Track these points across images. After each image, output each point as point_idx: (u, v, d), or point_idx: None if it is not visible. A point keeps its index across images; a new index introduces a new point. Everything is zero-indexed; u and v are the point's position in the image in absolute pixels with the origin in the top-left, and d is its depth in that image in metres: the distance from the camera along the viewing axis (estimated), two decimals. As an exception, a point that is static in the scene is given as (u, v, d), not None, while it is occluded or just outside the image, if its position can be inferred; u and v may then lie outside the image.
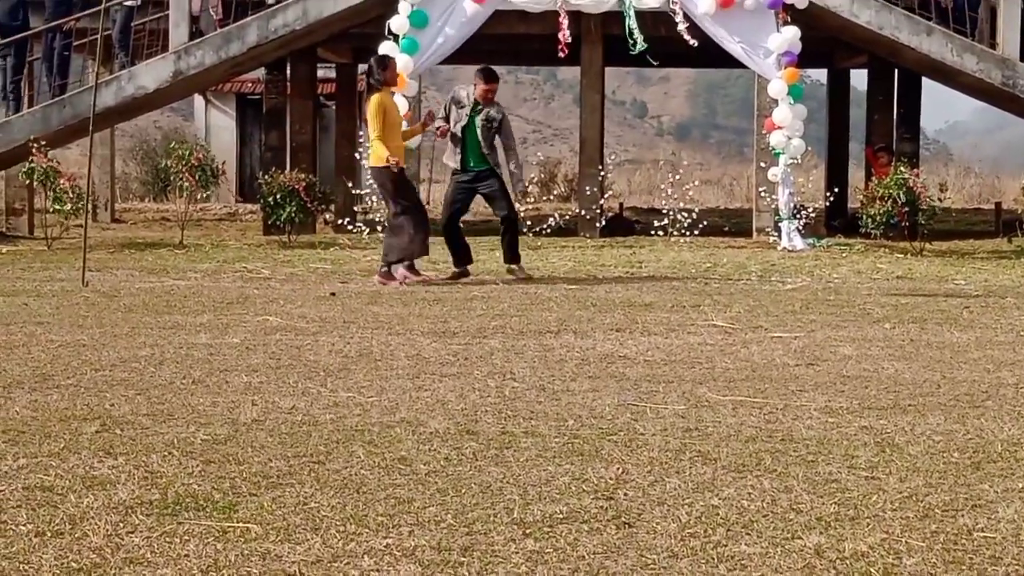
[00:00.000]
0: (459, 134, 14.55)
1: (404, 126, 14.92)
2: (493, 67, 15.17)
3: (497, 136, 14.63)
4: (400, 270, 13.98)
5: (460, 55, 21.68)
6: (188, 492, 5.09)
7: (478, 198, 15.44)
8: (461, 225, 15.14)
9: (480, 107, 14.60)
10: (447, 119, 14.71)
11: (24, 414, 6.59)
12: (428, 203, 31.50)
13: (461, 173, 14.72)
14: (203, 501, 4.96)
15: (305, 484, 5.23)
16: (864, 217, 19.18)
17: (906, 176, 18.86)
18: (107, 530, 4.57)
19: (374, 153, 13.94)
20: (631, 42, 19.62)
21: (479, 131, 14.50)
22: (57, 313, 11.11)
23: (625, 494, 5.12)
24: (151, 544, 4.43)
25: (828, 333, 10.21)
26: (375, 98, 13.91)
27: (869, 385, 7.74)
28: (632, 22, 19.60)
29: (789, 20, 19.85)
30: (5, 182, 23.86)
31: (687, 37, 19.55)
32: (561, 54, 19.53)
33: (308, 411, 6.74)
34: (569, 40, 19.85)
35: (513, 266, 14.82)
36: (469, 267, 14.82)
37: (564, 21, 19.51)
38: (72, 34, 21.08)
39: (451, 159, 14.76)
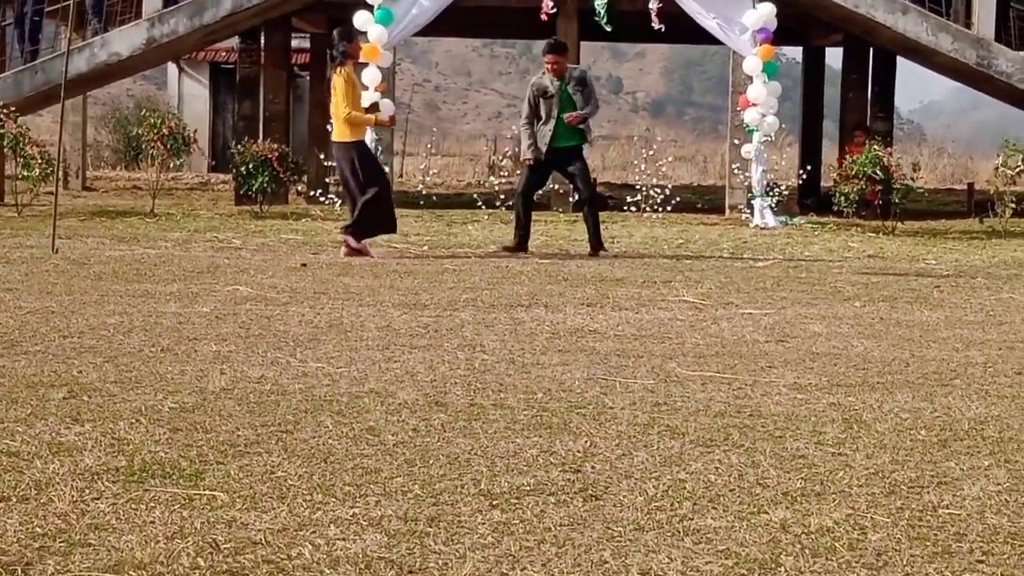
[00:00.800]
0: (549, 125, 14.39)
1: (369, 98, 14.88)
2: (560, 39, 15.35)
3: (588, 94, 14.50)
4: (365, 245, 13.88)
5: (435, 27, 21.70)
6: (155, 459, 5.07)
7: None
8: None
9: (565, 79, 14.43)
10: (534, 115, 14.50)
11: (-9, 380, 6.57)
12: (401, 176, 31.49)
13: (548, 153, 14.45)
14: (170, 469, 4.95)
15: (272, 453, 5.21)
16: (837, 195, 19.22)
17: (879, 155, 18.91)
18: (73, 496, 4.55)
19: (343, 128, 13.88)
20: (598, 12, 19.72)
21: (577, 102, 14.36)
22: (26, 280, 11.06)
23: (592, 467, 5.12)
24: (117, 511, 4.41)
25: (799, 310, 10.23)
26: (344, 73, 13.86)
27: (838, 362, 7.75)
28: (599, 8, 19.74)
29: (765, -3, 19.90)
30: (-26, 148, 23.75)
31: (655, 21, 19.63)
32: (544, 17, 19.57)
33: (277, 381, 6.72)
34: (553, 9, 19.89)
35: (600, 252, 14.57)
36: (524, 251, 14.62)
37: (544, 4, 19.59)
38: (44, -1, 20.98)
39: (534, 151, 14.48)
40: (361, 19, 19.90)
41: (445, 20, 20.77)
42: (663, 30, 19.84)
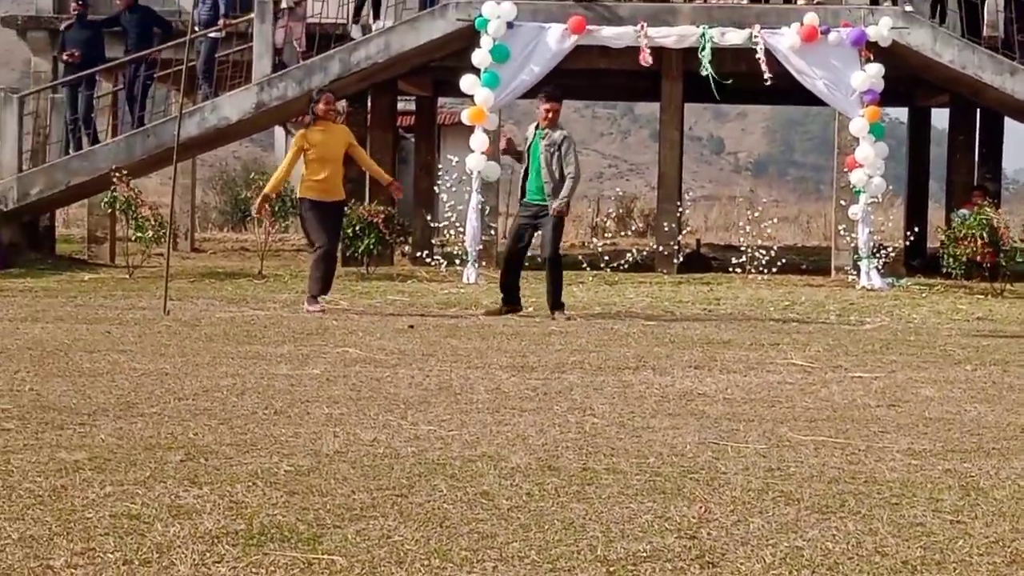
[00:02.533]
0: (522, 169, 14.16)
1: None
2: (557, 89, 14.81)
3: (563, 161, 13.85)
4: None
5: (539, 89, 21.77)
6: (273, 523, 5.12)
7: None
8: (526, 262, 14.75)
9: (543, 131, 14.02)
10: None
11: (110, 442, 6.66)
12: (505, 237, 31.55)
13: (522, 207, 14.26)
14: (288, 532, 4.99)
15: (388, 517, 5.24)
16: (945, 257, 19.04)
17: (989, 216, 18.73)
18: (194, 559, 4.60)
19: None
20: (704, 71, 19.76)
21: (541, 157, 13.87)
22: (140, 341, 11.22)
23: (708, 533, 5.11)
24: (237, 574, 4.45)
25: (909, 374, 10.14)
26: (299, 134, 14.35)
27: (952, 428, 7.67)
28: (707, 53, 19.76)
29: (872, 58, 19.82)
30: (88, 210, 24.17)
31: (764, 70, 19.58)
32: (645, 63, 19.63)
33: (390, 444, 6.77)
34: (650, 61, 19.93)
35: (555, 314, 14.00)
36: (515, 312, 14.30)
37: (646, 51, 19.66)
38: (156, 65, 21.33)
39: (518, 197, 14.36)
40: (468, 83, 20.07)
41: (548, 82, 20.86)
42: (771, 80, 19.81)
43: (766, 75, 20.00)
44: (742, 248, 21.05)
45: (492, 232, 21.19)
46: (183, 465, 6.13)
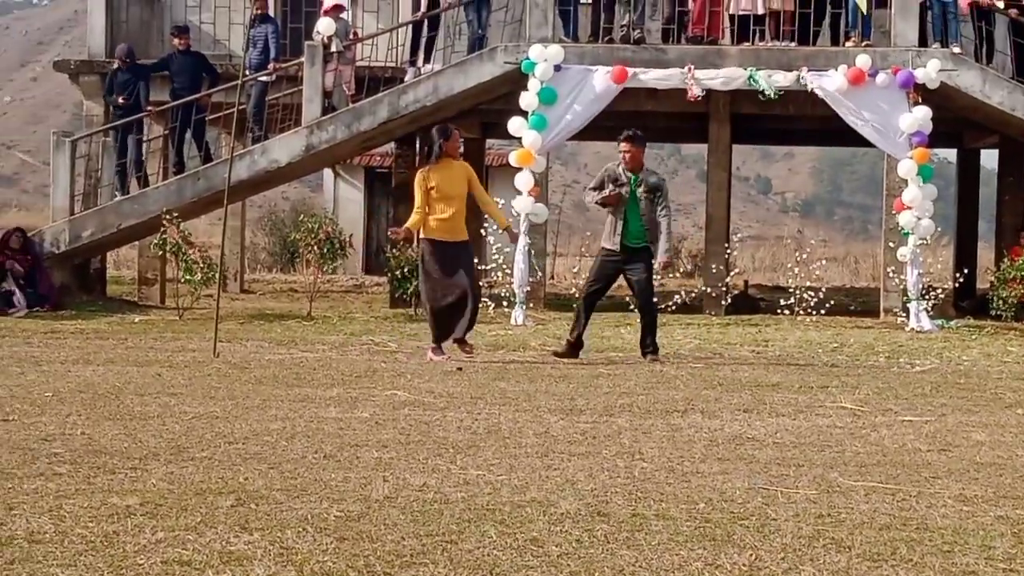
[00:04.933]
0: (619, 214, 13.93)
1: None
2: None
3: (662, 207, 13.95)
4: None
5: (586, 131, 21.85)
6: (323, 570, 5.13)
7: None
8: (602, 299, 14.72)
9: (639, 177, 14.01)
10: (599, 190, 14.10)
11: (161, 486, 6.69)
12: (552, 278, 31.57)
13: (613, 250, 14.05)
14: (338, 579, 5.01)
15: (439, 564, 5.25)
16: (995, 299, 18.94)
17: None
18: (245, 606, 4.63)
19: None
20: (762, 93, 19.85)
21: (642, 203, 13.90)
22: (190, 384, 11.28)
23: (759, 581, 5.10)
24: (288, 621, 4.47)
25: (959, 418, 10.08)
26: (422, 173, 14.02)
27: (1004, 473, 7.63)
28: (761, 83, 19.86)
29: (920, 100, 19.79)
30: (138, 252, 24.35)
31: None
32: (693, 99, 19.71)
33: (439, 488, 6.77)
34: (700, 94, 19.99)
35: (647, 358, 14.01)
36: (577, 354, 14.16)
37: (694, 87, 19.76)
38: (207, 109, 21.50)
39: (608, 240, 14.07)
40: (515, 125, 20.15)
41: (595, 124, 20.93)
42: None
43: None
44: (790, 289, 21.01)
45: (539, 274, 21.21)
46: (233, 510, 6.16)
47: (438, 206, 13.85)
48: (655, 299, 14.39)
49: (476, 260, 14.66)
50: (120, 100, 21.01)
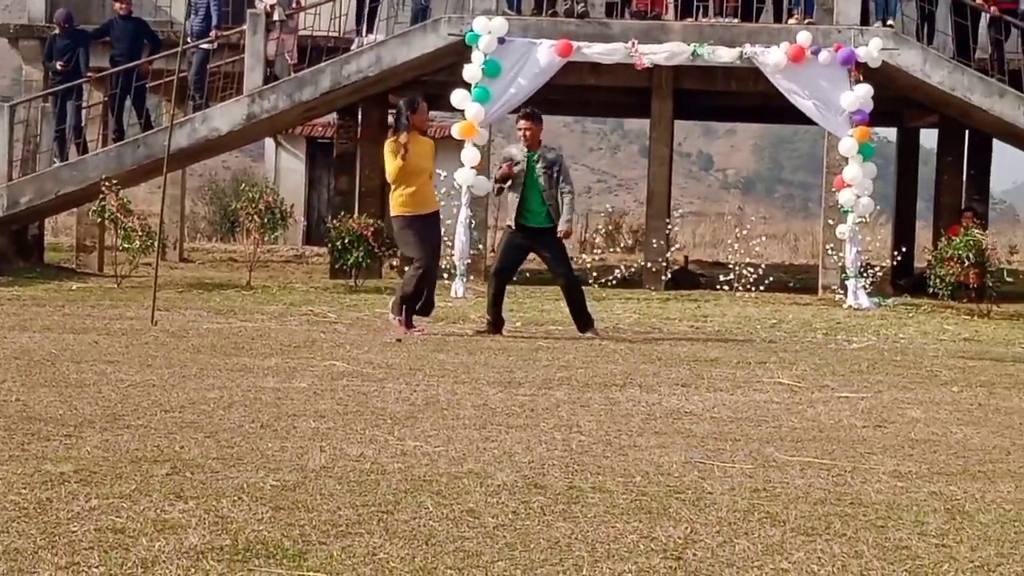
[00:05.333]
0: (517, 191, 13.76)
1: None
2: (536, 109, 14.29)
3: (562, 181, 13.72)
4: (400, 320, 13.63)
5: (529, 104, 21.81)
6: (258, 539, 5.11)
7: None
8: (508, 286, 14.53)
9: (536, 154, 13.82)
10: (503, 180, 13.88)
11: (95, 454, 6.65)
12: (493, 251, 31.57)
13: (518, 229, 13.91)
14: (273, 548, 4.99)
15: (374, 534, 5.24)
16: (932, 278, 19.08)
17: (977, 238, 18.77)
18: (179, 575, 4.60)
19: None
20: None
21: (541, 179, 13.70)
22: (126, 352, 11.21)
23: (694, 554, 5.11)
24: (222, 590, 4.45)
25: (895, 394, 10.15)
26: (391, 142, 13.62)
27: (938, 449, 7.69)
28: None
29: (862, 78, 19.88)
30: (77, 219, 24.17)
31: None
32: (640, 67, 19.77)
33: (376, 459, 6.76)
34: (646, 65, 20.05)
35: (588, 333, 13.90)
36: (499, 333, 13.99)
37: (642, 58, 19.80)
38: (147, 75, 21.33)
39: (511, 218, 13.97)
40: (458, 97, 20.11)
41: (539, 98, 20.91)
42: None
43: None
44: (730, 265, 21.09)
45: (480, 246, 21.20)
46: (169, 479, 6.13)
47: (406, 180, 13.62)
48: (574, 272, 14.28)
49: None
50: (59, 66, 20.81)
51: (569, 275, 14.07)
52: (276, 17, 20.86)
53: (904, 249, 23.29)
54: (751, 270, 20.50)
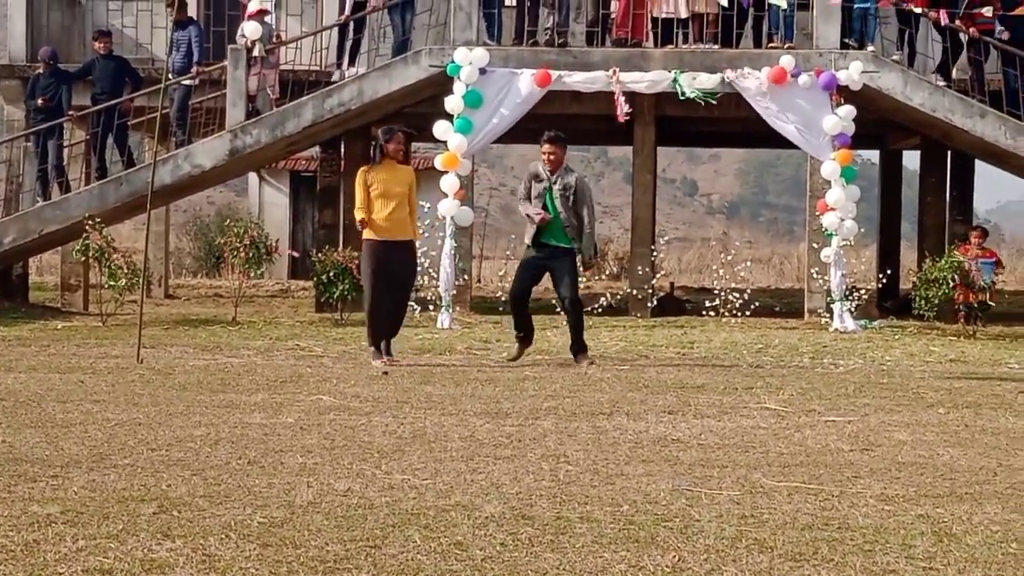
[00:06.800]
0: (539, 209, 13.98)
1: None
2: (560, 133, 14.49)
3: (578, 204, 14.02)
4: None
5: (512, 134, 21.86)
6: (246, 576, 5.12)
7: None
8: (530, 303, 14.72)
9: (556, 177, 14.08)
10: (528, 195, 14.19)
11: (82, 494, 6.64)
12: (479, 281, 31.57)
13: (535, 248, 14.14)
14: (261, 585, 4.99)
15: (362, 569, 5.24)
16: (918, 299, 19.12)
17: (960, 259, 18.83)
18: (166, 614, 4.60)
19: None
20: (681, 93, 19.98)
21: (558, 201, 13.96)
22: (112, 391, 11.19)
23: (682, 583, 5.12)
24: (210, 629, 4.45)
25: (882, 417, 10.17)
26: (362, 173, 13.89)
27: (925, 472, 7.70)
28: (683, 86, 19.99)
29: (843, 102, 19.95)
30: (61, 258, 24.12)
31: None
32: (620, 120, 19.78)
33: (363, 494, 6.76)
34: (628, 112, 20.09)
35: (580, 359, 14.01)
36: (528, 348, 14.40)
37: (621, 99, 19.78)
38: (129, 113, 21.34)
39: (529, 237, 14.16)
40: (441, 128, 20.13)
41: (521, 128, 20.94)
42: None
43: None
44: (716, 291, 21.10)
45: (466, 277, 21.20)
46: (156, 518, 6.12)
47: (377, 204, 13.76)
48: (580, 299, 14.41)
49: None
50: (40, 102, 20.80)
51: (573, 299, 14.18)
52: (257, 52, 20.88)
53: (889, 271, 23.30)
54: (737, 295, 20.51)
